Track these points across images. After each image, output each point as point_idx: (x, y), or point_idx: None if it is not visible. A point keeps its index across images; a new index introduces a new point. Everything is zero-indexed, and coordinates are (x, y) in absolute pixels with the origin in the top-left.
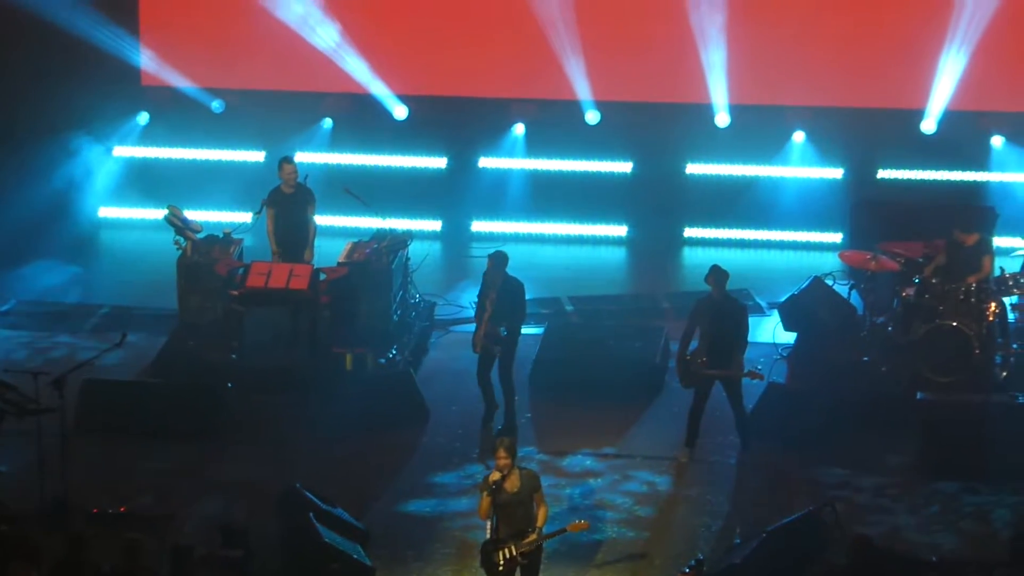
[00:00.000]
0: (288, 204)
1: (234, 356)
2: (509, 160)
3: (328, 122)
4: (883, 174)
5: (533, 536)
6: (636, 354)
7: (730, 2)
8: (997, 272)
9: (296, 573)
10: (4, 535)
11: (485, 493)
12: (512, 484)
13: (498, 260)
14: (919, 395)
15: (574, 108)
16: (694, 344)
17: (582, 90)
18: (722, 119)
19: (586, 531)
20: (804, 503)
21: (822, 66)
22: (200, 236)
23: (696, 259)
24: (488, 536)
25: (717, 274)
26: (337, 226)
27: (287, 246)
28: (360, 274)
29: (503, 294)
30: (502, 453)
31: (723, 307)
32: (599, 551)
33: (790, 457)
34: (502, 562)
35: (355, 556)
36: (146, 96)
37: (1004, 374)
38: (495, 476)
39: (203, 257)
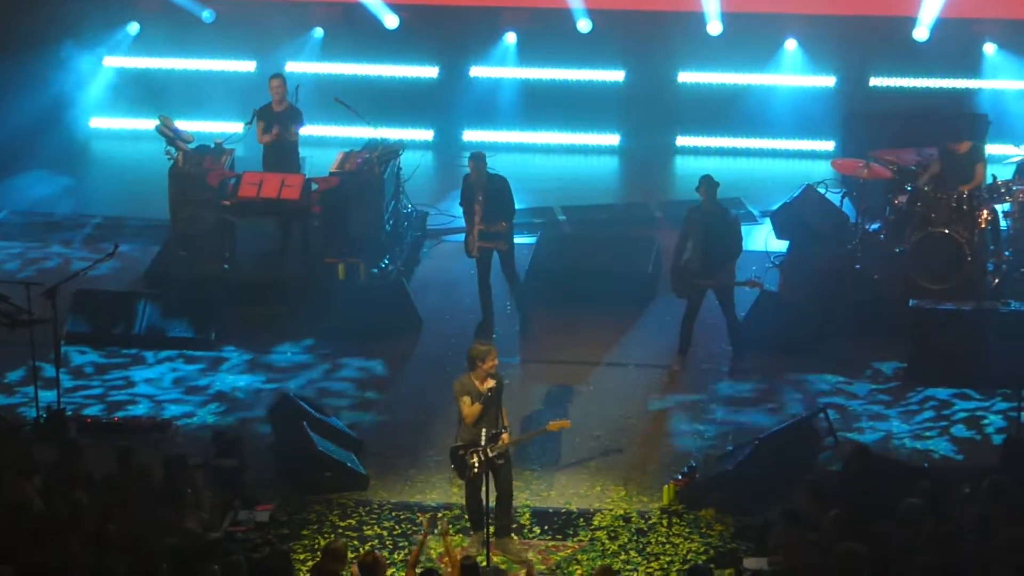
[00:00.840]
0: (274, 122)
1: (226, 266)
2: (501, 69)
3: (319, 31)
4: (875, 82)
5: (506, 437)
6: (628, 263)
7: None
8: (989, 179)
9: (290, 482)
10: None
11: (476, 402)
12: (487, 387)
13: (480, 160)
14: (911, 302)
15: (566, 16)
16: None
17: None
18: (714, 27)
19: (567, 429)
20: (796, 410)
21: None
22: (191, 146)
23: (688, 168)
24: (457, 440)
25: (708, 184)
26: (328, 136)
27: (274, 163)
28: (352, 184)
29: (491, 193)
30: (493, 358)
31: (714, 216)
32: (592, 458)
33: (782, 364)
34: (477, 465)
35: (349, 464)
36: (136, 5)
37: (996, 281)
38: (489, 384)
39: (194, 167)
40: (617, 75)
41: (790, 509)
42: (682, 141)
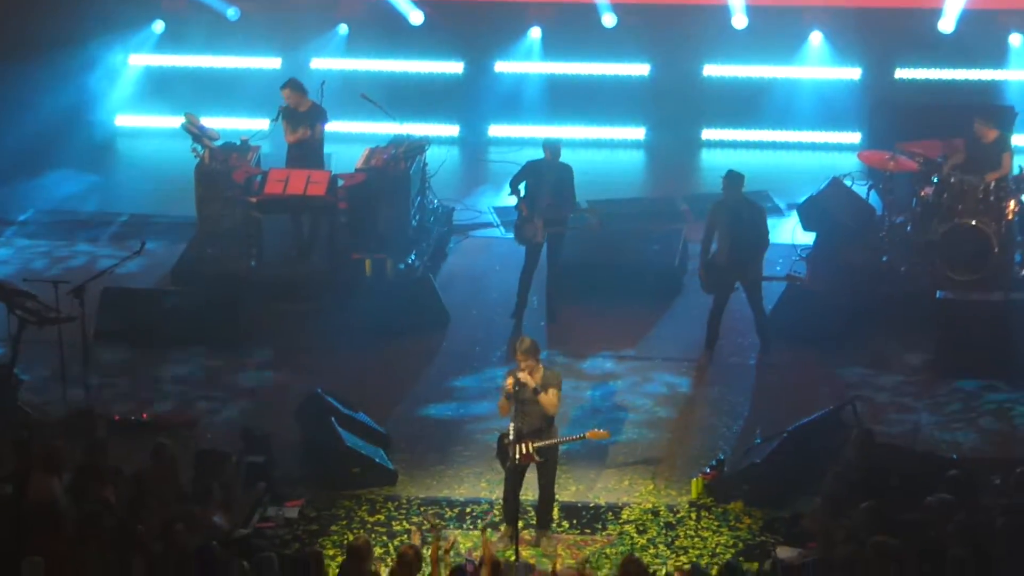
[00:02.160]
0: (299, 121)
1: (253, 263)
2: (526, 64)
3: (344, 28)
4: (901, 74)
5: (551, 435)
6: (655, 257)
7: None
8: (1016, 170)
9: (319, 478)
10: (26, 443)
11: (505, 397)
12: (535, 380)
13: (556, 148)
14: (939, 294)
15: (590, 11)
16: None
17: None
18: (739, 20)
19: (606, 439)
20: (824, 403)
21: None
22: (217, 143)
23: (714, 161)
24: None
25: (732, 177)
26: (354, 132)
27: (298, 162)
28: (378, 180)
29: (561, 181)
30: (521, 356)
31: (740, 210)
32: (620, 452)
33: (810, 357)
34: (517, 456)
35: (377, 460)
36: (162, 4)
37: (1023, 272)
38: (522, 376)
39: (221, 164)
40: (642, 69)
41: (827, 497)
42: (708, 134)
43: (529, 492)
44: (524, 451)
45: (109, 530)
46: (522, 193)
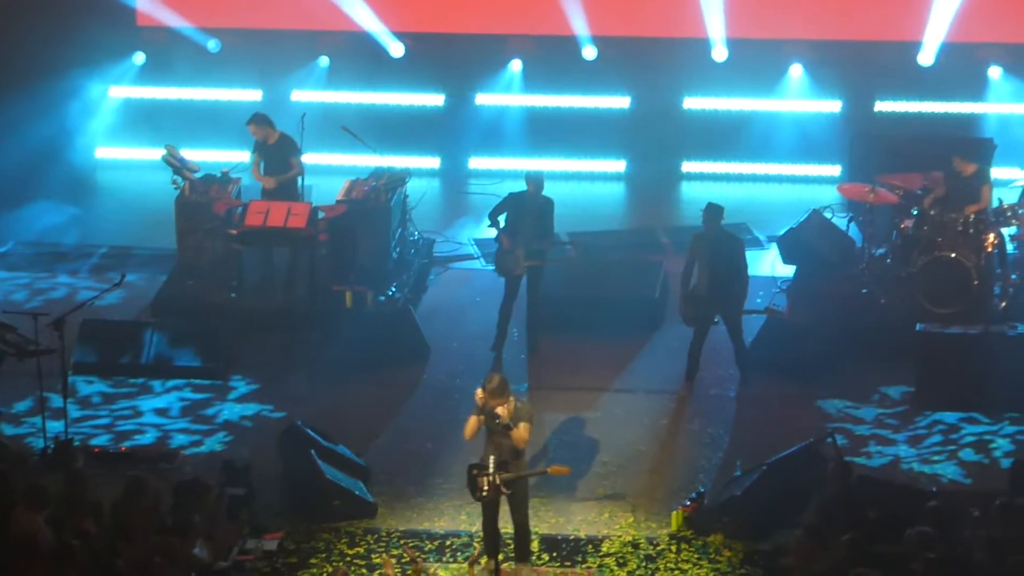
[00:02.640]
0: (271, 153)
1: (233, 295)
2: (506, 96)
3: (324, 60)
4: (881, 107)
5: (514, 471)
6: (635, 289)
7: None
8: (995, 203)
9: (298, 510)
10: (6, 476)
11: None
12: (507, 414)
13: (539, 181)
14: (918, 326)
15: (571, 44)
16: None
17: (579, 25)
18: (719, 53)
19: (565, 476)
20: (804, 435)
21: None
22: (198, 175)
23: (694, 194)
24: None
25: (712, 210)
26: (335, 164)
27: (272, 195)
28: (358, 212)
29: (543, 213)
30: (489, 395)
31: (720, 242)
32: (600, 484)
33: (790, 389)
34: (486, 487)
35: (357, 492)
36: (142, 36)
37: (1003, 305)
38: (499, 409)
39: (201, 196)
40: (623, 101)
41: (807, 529)
42: (688, 167)
43: (509, 525)
44: (493, 483)
45: (88, 562)
46: (501, 224)
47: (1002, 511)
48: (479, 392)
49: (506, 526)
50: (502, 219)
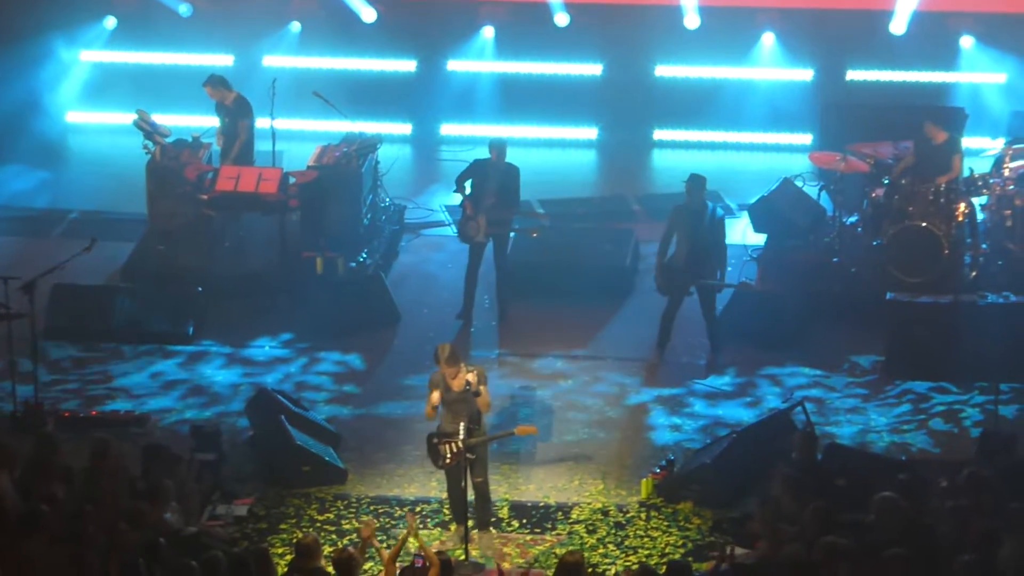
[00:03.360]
0: (227, 115)
1: (204, 261)
2: (478, 63)
3: (296, 25)
4: (852, 75)
5: (482, 433)
6: (606, 256)
7: None
8: (966, 172)
9: (268, 476)
10: None
11: (444, 396)
12: (459, 383)
13: (502, 148)
14: (888, 295)
15: (543, 10)
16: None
17: None
18: (692, 21)
19: (534, 435)
20: (774, 403)
21: None
22: (169, 140)
23: (666, 161)
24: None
25: (695, 181)
26: (306, 130)
27: (228, 156)
28: (330, 178)
29: (506, 182)
30: (444, 365)
31: (702, 214)
32: (570, 452)
33: (760, 357)
34: (449, 455)
35: (327, 458)
36: (113, 0)
37: (973, 274)
38: (461, 381)
39: (172, 161)
40: (595, 69)
41: (770, 498)
42: (660, 135)
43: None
44: (454, 450)
45: (56, 527)
46: (467, 191)
47: (969, 480)
48: (435, 373)
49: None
50: (468, 186)
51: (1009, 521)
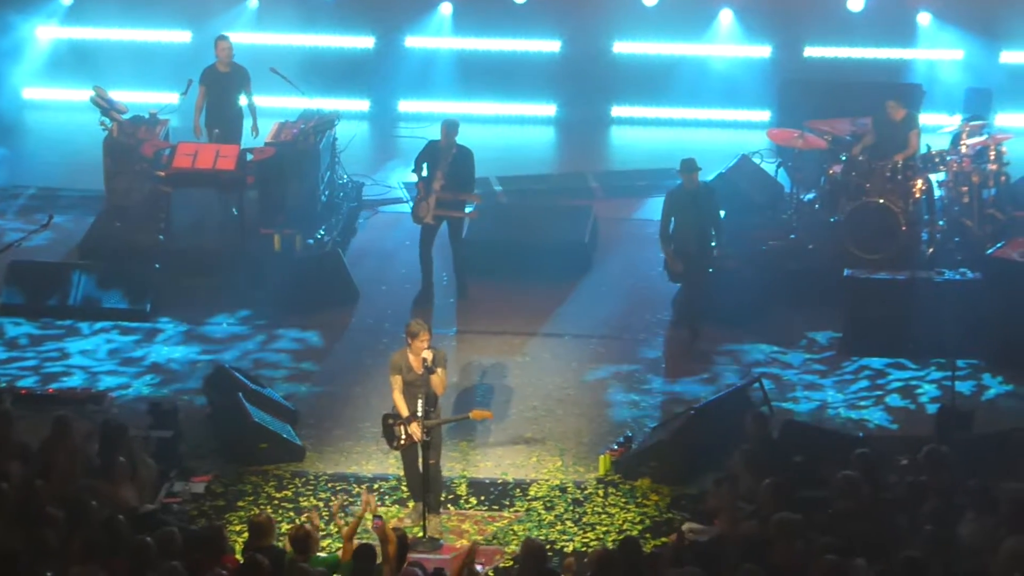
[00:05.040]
0: (224, 83)
1: (161, 237)
2: (436, 39)
3: (254, 1)
4: (810, 52)
5: (438, 414)
6: (564, 233)
7: None
8: (924, 149)
9: (226, 453)
10: None
11: (407, 378)
12: (419, 362)
13: (452, 128)
14: (846, 272)
15: None
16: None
17: None
18: None
19: (489, 420)
20: (732, 380)
21: None
22: (126, 117)
23: (624, 138)
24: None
25: (688, 165)
26: (264, 107)
27: (222, 125)
28: (287, 155)
29: (457, 163)
30: (425, 338)
31: (700, 196)
32: (529, 429)
33: (718, 334)
34: (404, 436)
35: (285, 436)
36: None
37: (930, 251)
38: (423, 358)
39: (129, 138)
40: (553, 45)
41: (725, 475)
42: (618, 111)
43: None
44: (410, 431)
45: (13, 503)
46: (424, 172)
47: (929, 457)
48: (395, 355)
49: None
50: (426, 166)
51: (968, 497)
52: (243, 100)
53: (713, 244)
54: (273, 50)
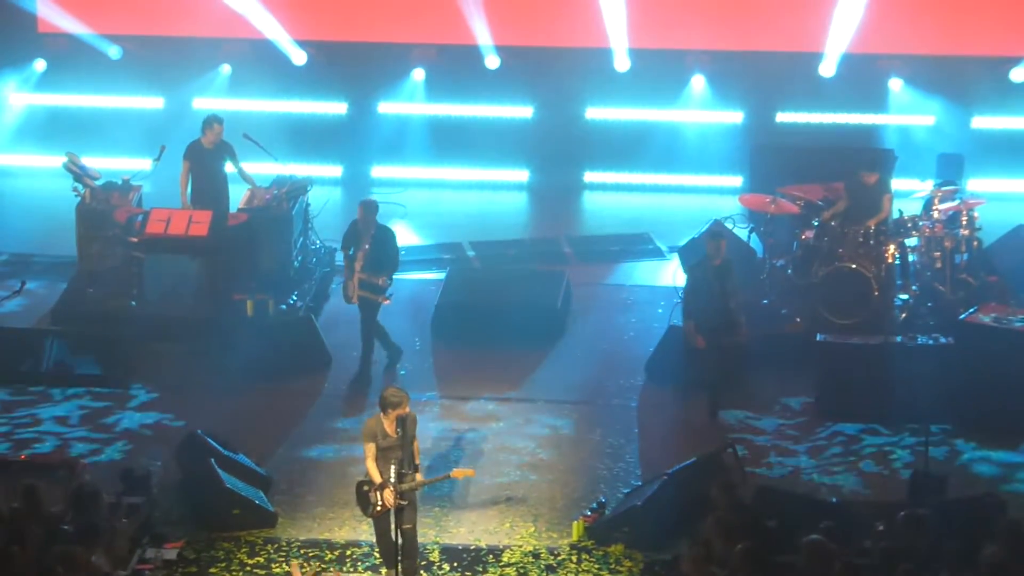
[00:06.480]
0: (209, 158)
1: (134, 304)
2: (409, 105)
3: (226, 67)
4: (782, 117)
5: (419, 476)
6: (537, 299)
7: None
8: (896, 214)
9: (198, 519)
10: None
11: (382, 446)
12: (393, 429)
13: (370, 208)
14: (819, 337)
15: (474, 53)
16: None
17: (482, 34)
18: (622, 63)
19: (470, 478)
20: (706, 445)
21: (721, 9)
22: (99, 183)
23: (597, 204)
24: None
25: (717, 238)
26: (236, 173)
27: (206, 198)
28: (260, 220)
29: (376, 243)
30: (406, 406)
31: (726, 268)
32: (502, 494)
33: (691, 399)
34: (379, 503)
35: (257, 501)
36: (43, 43)
37: (903, 316)
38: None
39: (102, 204)
40: (526, 111)
41: (701, 540)
42: (590, 177)
43: None
44: (385, 497)
45: None
46: (351, 251)
47: (907, 521)
48: (369, 422)
49: None
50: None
51: (945, 561)
52: (230, 167)
53: (743, 318)
54: (246, 116)
